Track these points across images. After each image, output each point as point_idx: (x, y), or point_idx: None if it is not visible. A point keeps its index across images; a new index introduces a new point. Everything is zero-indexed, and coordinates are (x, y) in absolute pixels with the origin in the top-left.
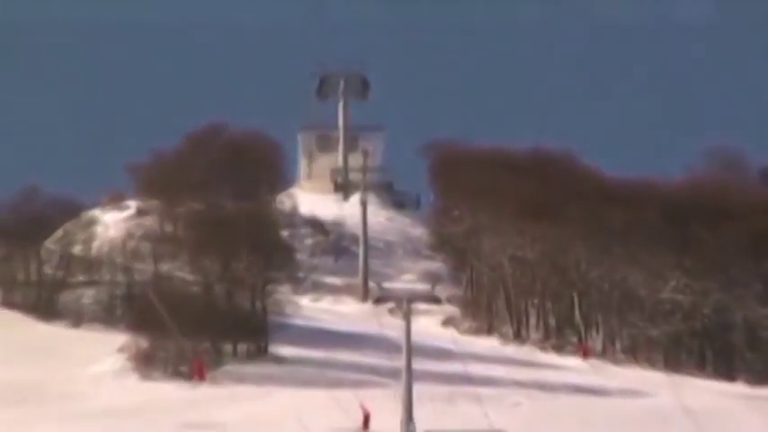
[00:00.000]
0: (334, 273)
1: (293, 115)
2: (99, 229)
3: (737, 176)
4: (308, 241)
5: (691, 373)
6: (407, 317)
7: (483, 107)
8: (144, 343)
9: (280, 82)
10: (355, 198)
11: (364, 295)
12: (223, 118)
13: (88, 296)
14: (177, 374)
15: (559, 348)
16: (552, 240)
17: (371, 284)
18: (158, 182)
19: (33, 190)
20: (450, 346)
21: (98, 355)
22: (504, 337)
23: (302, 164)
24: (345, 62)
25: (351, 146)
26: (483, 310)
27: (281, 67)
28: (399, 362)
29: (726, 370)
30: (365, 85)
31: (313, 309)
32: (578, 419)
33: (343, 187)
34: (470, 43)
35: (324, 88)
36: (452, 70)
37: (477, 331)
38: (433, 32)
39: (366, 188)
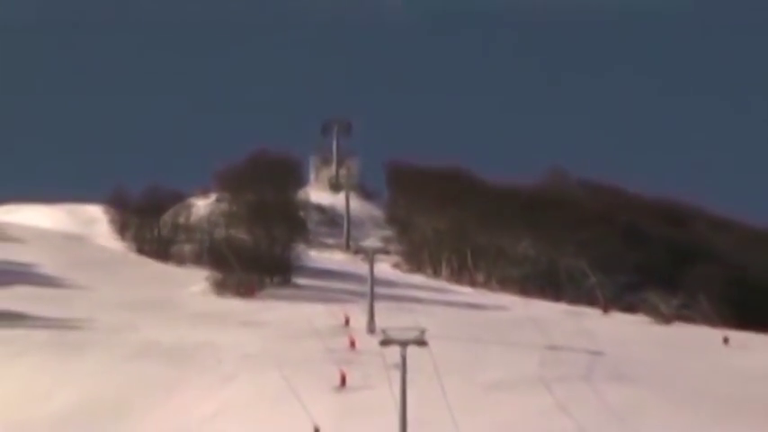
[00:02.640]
0: (329, 236)
1: (309, 144)
2: (194, 209)
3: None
4: (315, 218)
5: (535, 297)
6: (371, 262)
7: (425, 138)
8: (219, 275)
9: (299, 124)
10: (342, 194)
11: (347, 250)
12: (268, 144)
13: (187, 248)
14: (238, 294)
15: (459, 281)
16: (457, 219)
17: (351, 244)
18: (230, 182)
19: (155, 187)
20: (395, 279)
21: (192, 282)
22: (427, 274)
23: (312, 173)
24: (339, 111)
25: (340, 163)
26: (416, 258)
27: (301, 115)
28: (366, 288)
29: (555, 295)
30: (349, 126)
31: (317, 257)
32: (469, 323)
33: (335, 187)
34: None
35: (325, 129)
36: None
37: (411, 271)
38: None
39: (348, 188)
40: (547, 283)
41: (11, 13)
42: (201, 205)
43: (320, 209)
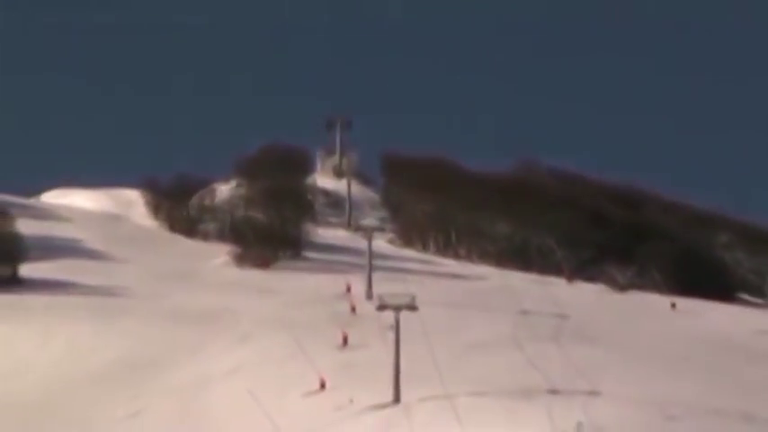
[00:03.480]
0: (333, 216)
1: (315, 138)
2: (217, 193)
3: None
4: (321, 200)
5: (509, 269)
6: (369, 239)
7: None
8: (238, 249)
9: (307, 121)
10: (344, 180)
11: (348, 228)
12: (281, 138)
13: (211, 226)
14: (255, 266)
15: (444, 255)
16: (442, 202)
17: (352, 222)
18: (247, 170)
19: (184, 174)
20: (390, 253)
21: (216, 256)
22: (417, 249)
23: (318, 163)
24: (340, 110)
25: (342, 154)
26: (407, 235)
27: (308, 113)
28: (365, 260)
29: (527, 267)
30: (350, 123)
31: (323, 234)
32: (452, 291)
33: (338, 174)
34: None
35: (329, 125)
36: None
37: (404, 246)
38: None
39: (349, 175)
40: (519, 257)
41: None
42: (223, 190)
43: (325, 193)
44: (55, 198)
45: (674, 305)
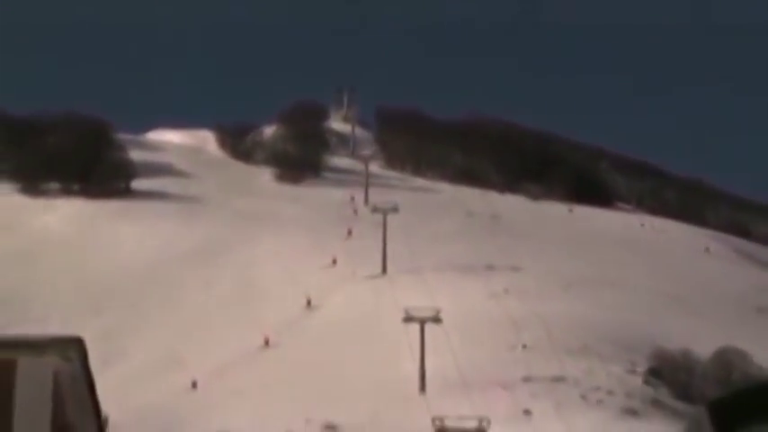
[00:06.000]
0: (342, 149)
1: (330, 97)
2: (264, 133)
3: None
4: (334, 139)
5: (461, 185)
6: (366, 165)
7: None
8: (278, 171)
9: (325, 85)
10: (350, 125)
11: (353, 156)
12: (306, 96)
13: (261, 155)
14: (289, 182)
15: (416, 175)
16: (416, 140)
17: (355, 153)
18: (284, 118)
19: (242, 121)
20: (380, 174)
21: (264, 175)
22: (398, 172)
23: (332, 113)
24: (347, 78)
25: (349, 107)
26: (392, 162)
27: (327, 80)
28: (363, 179)
29: (472, 184)
30: (354, 87)
31: (336, 162)
32: (423, 200)
33: (347, 120)
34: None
35: (339, 88)
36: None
37: (389, 169)
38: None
39: (354, 122)
40: (467, 177)
41: None
42: (268, 131)
43: (337, 134)
44: (155, 136)
45: (571, 210)
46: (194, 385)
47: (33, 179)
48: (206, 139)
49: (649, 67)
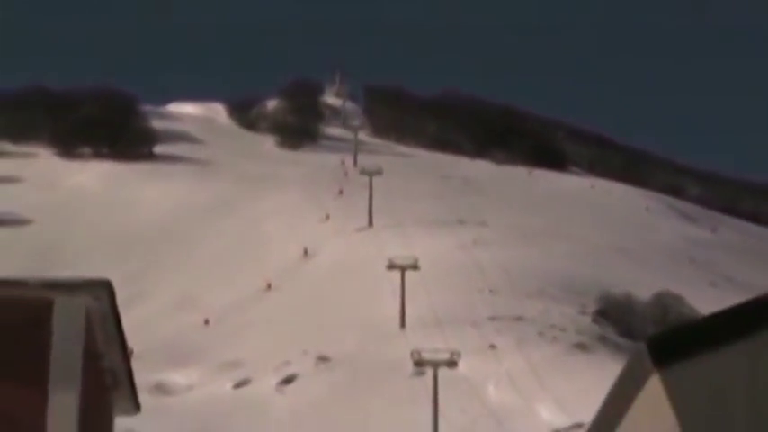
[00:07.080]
0: (335, 121)
1: (326, 76)
2: (268, 105)
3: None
4: (328, 111)
5: (435, 152)
6: (356, 133)
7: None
8: (280, 138)
9: (320, 66)
10: (341, 100)
11: (344, 126)
12: (304, 74)
13: (264, 125)
14: (290, 147)
15: (398, 143)
16: (397, 113)
17: (345, 123)
18: (284, 93)
19: (248, 95)
20: (367, 141)
21: (267, 141)
22: (382, 139)
23: (327, 90)
24: (340, 59)
25: (341, 84)
26: (377, 131)
27: (322, 62)
28: (353, 145)
29: (445, 150)
30: (344, 67)
31: (330, 131)
32: (404, 165)
33: (339, 96)
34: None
35: (333, 69)
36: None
37: (375, 137)
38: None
39: (345, 97)
40: (441, 144)
41: None
42: (271, 104)
43: (331, 107)
44: (174, 108)
45: (530, 173)
46: (207, 322)
47: (69, 145)
48: (217, 111)
49: (599, 44)
